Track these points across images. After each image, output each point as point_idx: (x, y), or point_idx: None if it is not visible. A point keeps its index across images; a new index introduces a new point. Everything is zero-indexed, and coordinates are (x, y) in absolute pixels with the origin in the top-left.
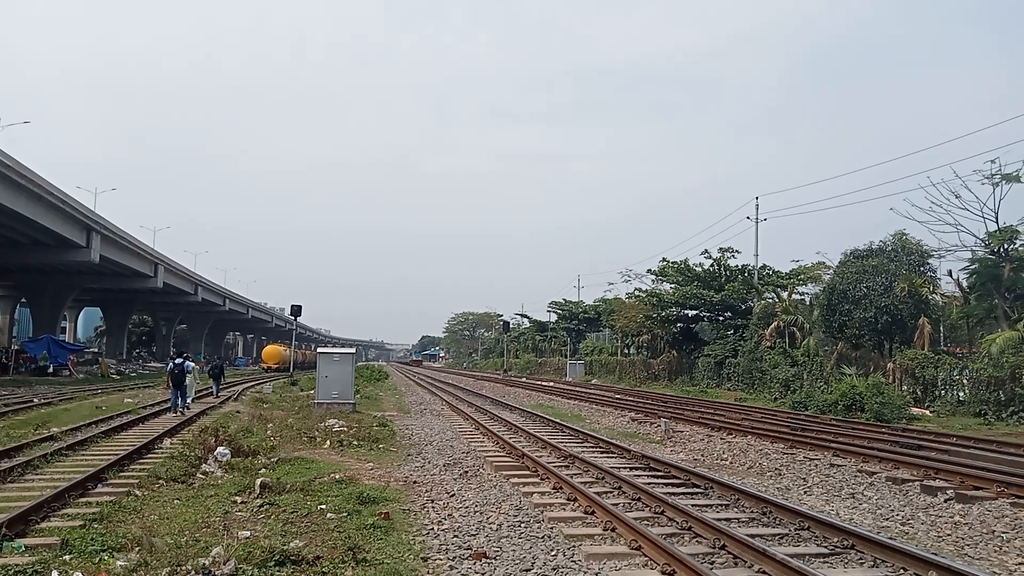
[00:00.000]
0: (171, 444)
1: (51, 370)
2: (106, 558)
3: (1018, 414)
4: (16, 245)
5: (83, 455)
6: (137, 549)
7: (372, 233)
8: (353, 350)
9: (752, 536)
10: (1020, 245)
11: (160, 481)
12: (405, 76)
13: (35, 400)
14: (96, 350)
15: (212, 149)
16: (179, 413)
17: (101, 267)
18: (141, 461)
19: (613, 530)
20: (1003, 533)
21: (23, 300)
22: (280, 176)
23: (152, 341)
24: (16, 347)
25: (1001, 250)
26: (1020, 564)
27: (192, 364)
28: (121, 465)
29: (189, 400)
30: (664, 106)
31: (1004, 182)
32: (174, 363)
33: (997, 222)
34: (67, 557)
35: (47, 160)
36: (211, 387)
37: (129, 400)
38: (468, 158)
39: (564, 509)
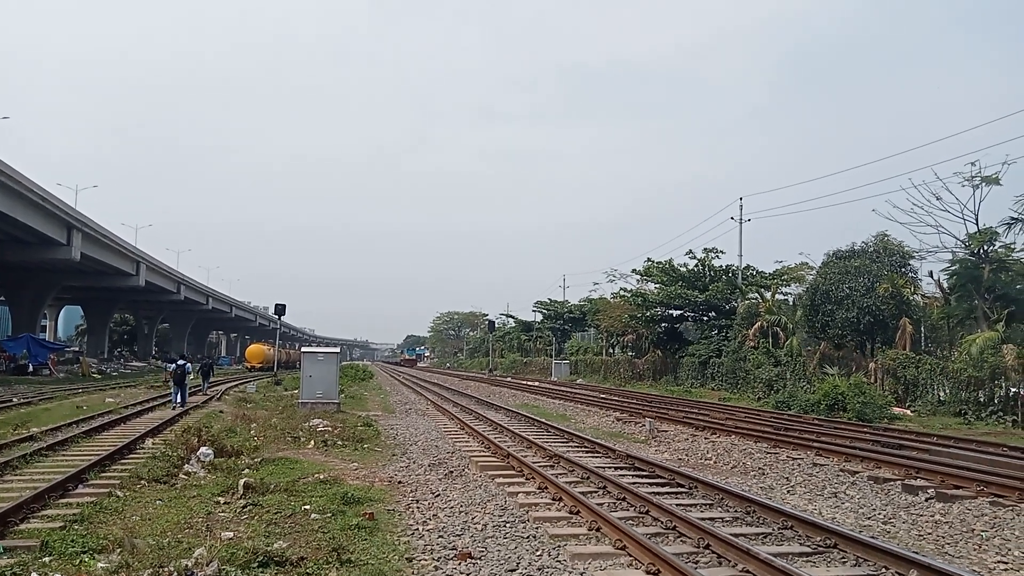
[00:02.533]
0: (153, 444)
1: (31, 369)
2: (87, 560)
3: (997, 414)
4: None
5: (64, 455)
6: (118, 550)
7: (357, 231)
8: (337, 349)
9: (736, 535)
10: (1000, 247)
11: (142, 482)
12: (391, 72)
13: (14, 400)
14: (77, 349)
15: (195, 146)
16: (178, 406)
17: (82, 265)
18: (123, 461)
19: (598, 530)
20: (982, 531)
21: (2, 298)
22: (264, 174)
23: (134, 340)
24: None
25: (981, 251)
26: (999, 562)
27: (189, 365)
28: (102, 466)
29: (186, 397)
30: (650, 105)
31: (984, 184)
32: (176, 364)
33: (977, 224)
34: (47, 559)
35: (27, 156)
36: (200, 385)
37: (111, 400)
38: (454, 156)
39: (549, 509)
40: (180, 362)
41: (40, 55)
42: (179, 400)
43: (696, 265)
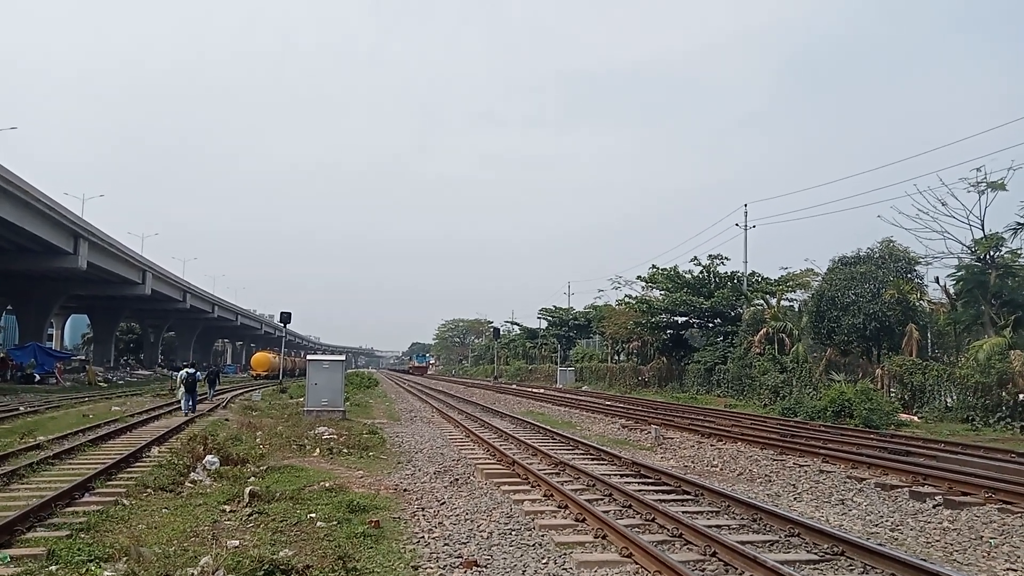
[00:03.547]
0: (159, 452)
1: (37, 378)
2: (93, 568)
3: (1005, 420)
4: (2, 251)
5: (70, 464)
6: (124, 559)
7: (362, 238)
8: (343, 357)
9: (742, 543)
10: (1006, 252)
11: (148, 490)
12: (394, 79)
13: (21, 408)
14: (83, 358)
15: (200, 154)
16: (189, 413)
17: (88, 274)
18: (129, 470)
19: (604, 537)
20: (991, 538)
21: (9, 307)
22: (269, 181)
23: (140, 349)
24: (2, 354)
25: (987, 257)
26: (1008, 569)
27: (199, 372)
28: (108, 474)
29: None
30: (653, 111)
31: (989, 190)
32: (187, 372)
33: (983, 229)
34: (53, 568)
35: (34, 166)
36: (207, 393)
37: (117, 408)
38: (458, 162)
39: (555, 516)
40: (191, 370)
41: (43, 64)
42: (191, 406)
43: (701, 272)
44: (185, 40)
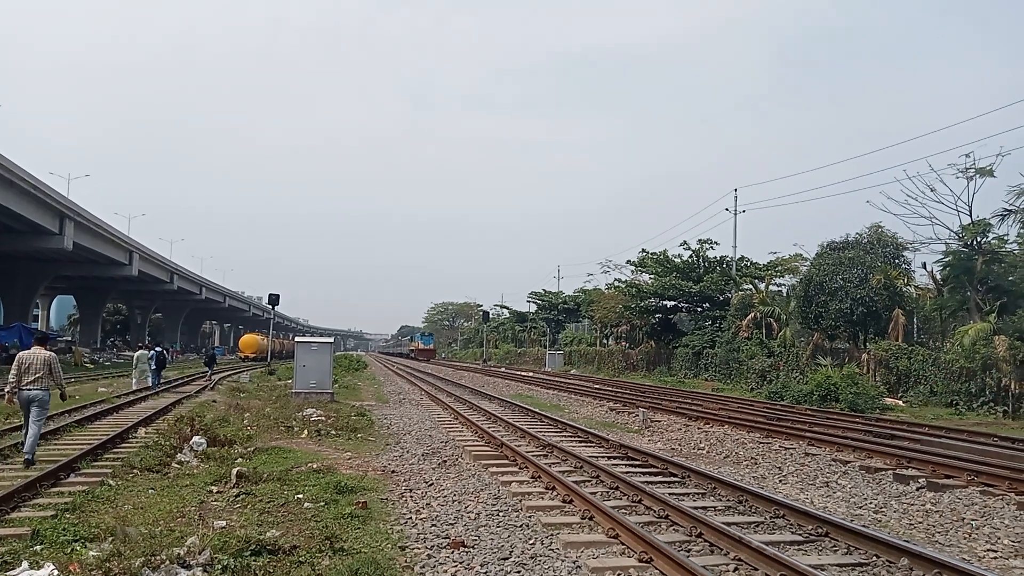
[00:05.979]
0: (146, 434)
1: None
2: (78, 548)
3: (988, 404)
4: None
5: (55, 444)
6: (110, 539)
7: (351, 221)
8: (331, 339)
9: (728, 524)
10: (993, 238)
11: (134, 471)
12: (385, 62)
13: (5, 389)
14: (69, 339)
15: (187, 136)
16: (157, 386)
17: (74, 254)
18: (115, 450)
19: (591, 519)
20: (972, 520)
21: None
22: (257, 162)
23: (127, 330)
24: None
25: (974, 243)
26: (988, 550)
27: (164, 352)
28: (95, 455)
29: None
30: (646, 94)
31: (978, 176)
32: (156, 351)
33: (971, 215)
34: (38, 547)
35: (19, 144)
36: (206, 371)
37: (103, 389)
38: (449, 145)
39: (542, 498)
40: (158, 349)
41: (30, 42)
42: (157, 381)
43: (690, 256)
44: (174, 23)
